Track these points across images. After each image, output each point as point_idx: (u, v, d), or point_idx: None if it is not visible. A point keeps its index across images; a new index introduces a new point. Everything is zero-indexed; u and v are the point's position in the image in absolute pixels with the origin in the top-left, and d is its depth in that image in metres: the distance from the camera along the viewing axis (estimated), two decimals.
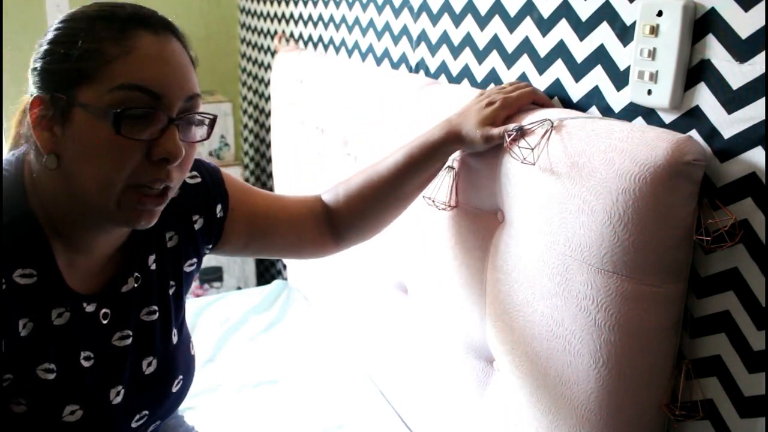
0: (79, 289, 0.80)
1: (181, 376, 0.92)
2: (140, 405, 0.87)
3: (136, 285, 0.86)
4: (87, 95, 0.71)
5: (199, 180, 0.94)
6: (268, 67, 2.32)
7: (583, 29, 0.98)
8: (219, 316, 1.83)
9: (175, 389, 0.91)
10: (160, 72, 0.73)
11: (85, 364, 0.80)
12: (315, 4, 1.87)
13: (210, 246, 0.98)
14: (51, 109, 0.73)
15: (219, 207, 0.96)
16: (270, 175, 2.41)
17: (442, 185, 1.08)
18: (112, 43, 0.72)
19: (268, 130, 2.38)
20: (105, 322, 0.83)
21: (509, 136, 0.92)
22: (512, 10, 1.11)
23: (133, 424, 0.86)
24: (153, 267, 0.89)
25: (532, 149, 0.90)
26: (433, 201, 1.07)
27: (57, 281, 0.77)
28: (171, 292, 0.92)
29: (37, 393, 0.75)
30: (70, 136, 0.72)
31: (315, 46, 1.93)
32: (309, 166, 1.73)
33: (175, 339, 0.92)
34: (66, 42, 0.73)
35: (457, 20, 1.26)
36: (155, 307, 0.89)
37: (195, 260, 0.96)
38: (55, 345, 0.77)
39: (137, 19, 0.74)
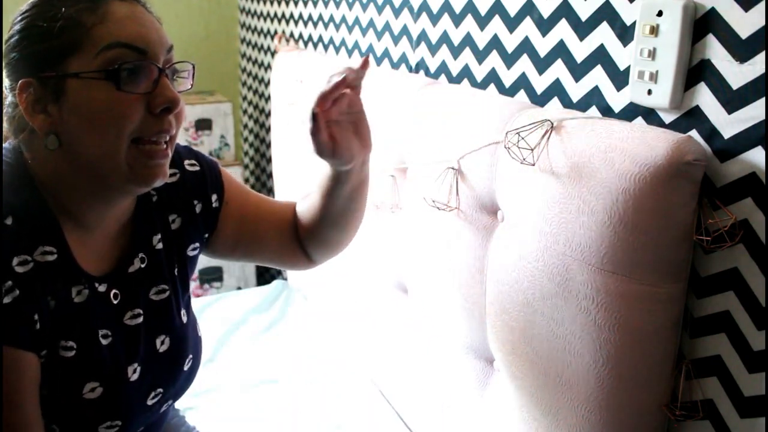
0: (90, 271, 0.82)
1: (191, 355, 0.94)
2: (155, 382, 0.89)
3: (142, 265, 0.88)
4: (76, 64, 0.74)
5: (197, 168, 0.96)
6: (268, 67, 2.32)
7: (583, 29, 0.98)
8: (219, 316, 1.83)
9: (186, 367, 0.94)
10: (139, 30, 0.77)
11: (104, 342, 0.82)
12: (315, 4, 1.87)
13: (207, 235, 0.99)
14: (41, 90, 0.75)
15: (215, 197, 0.97)
16: (270, 175, 2.41)
17: (443, 185, 1.08)
18: (89, 13, 0.75)
19: (268, 130, 2.38)
20: (116, 302, 0.85)
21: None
22: (512, 10, 1.11)
23: (149, 402, 0.89)
24: (159, 246, 0.91)
25: (532, 150, 0.90)
26: (435, 202, 1.07)
27: (71, 260, 0.80)
28: (175, 272, 0.94)
29: (58, 370, 0.77)
30: (67, 110, 0.75)
31: (315, 46, 1.93)
32: (309, 166, 1.73)
33: (184, 318, 0.94)
34: (41, 23, 0.75)
35: (457, 20, 1.26)
36: (165, 286, 0.91)
37: (197, 245, 0.97)
38: (76, 322, 0.80)
39: None
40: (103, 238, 0.85)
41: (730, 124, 0.79)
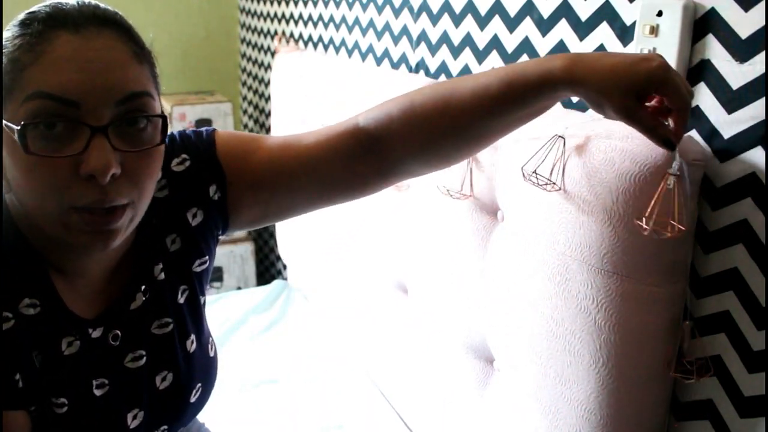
0: (83, 315, 0.75)
1: (199, 385, 0.85)
2: (158, 422, 0.82)
3: (145, 298, 0.79)
4: (8, 111, 0.64)
5: (188, 164, 0.82)
6: (268, 67, 2.32)
7: (583, 29, 0.98)
8: (219, 316, 1.83)
9: (193, 399, 0.85)
10: (74, 77, 0.62)
11: (98, 392, 0.76)
12: (315, 4, 1.87)
13: (220, 232, 0.87)
14: None
15: (213, 188, 0.82)
16: None
17: (457, 172, 0.99)
18: (27, 49, 0.63)
19: (268, 130, 2.38)
20: (116, 344, 0.77)
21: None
22: (512, 10, 1.11)
23: None
24: (161, 277, 0.81)
25: (550, 180, 0.84)
26: (448, 190, 0.97)
27: (60, 309, 0.73)
28: (183, 298, 0.84)
29: (51, 425, 0.72)
30: (7, 156, 0.66)
31: (315, 46, 1.93)
32: None
33: (192, 347, 0.84)
34: None
35: (457, 20, 1.26)
36: (169, 319, 0.81)
37: (206, 258, 0.85)
38: (67, 376, 0.73)
39: (55, 17, 0.65)
40: (98, 278, 0.76)
41: (730, 124, 0.79)
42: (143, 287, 0.79)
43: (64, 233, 0.66)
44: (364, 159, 0.84)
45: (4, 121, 0.64)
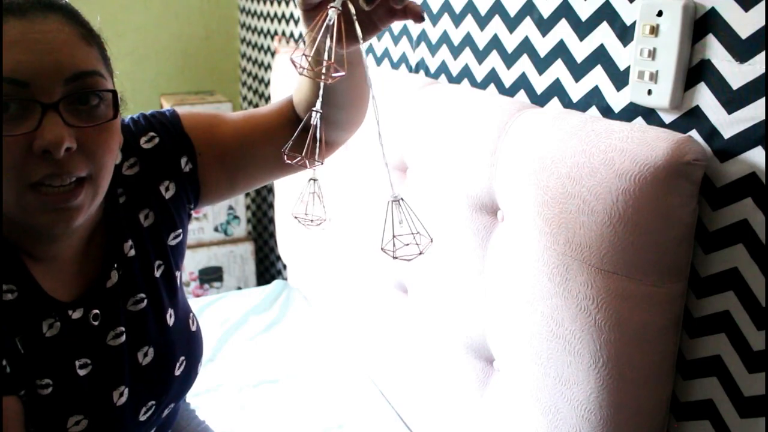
0: (62, 298, 0.77)
1: (182, 357, 0.88)
2: (144, 398, 0.84)
3: (119, 275, 0.82)
4: None
5: (157, 141, 0.86)
6: (268, 67, 2.32)
7: (583, 29, 0.98)
8: (219, 316, 1.83)
9: (178, 372, 0.87)
10: (22, 58, 0.65)
11: (82, 372, 0.78)
12: None
13: (192, 205, 0.91)
14: None
15: (184, 160, 0.87)
16: None
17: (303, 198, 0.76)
18: None
19: None
20: (96, 323, 0.80)
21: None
22: (512, 10, 1.11)
23: (141, 418, 0.84)
24: (132, 254, 0.83)
25: (325, 63, 0.64)
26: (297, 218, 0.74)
27: (37, 293, 0.75)
28: (159, 273, 0.86)
29: (39, 407, 0.74)
30: None
31: None
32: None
33: (171, 320, 0.87)
34: None
35: (457, 20, 1.26)
36: (142, 295, 0.84)
37: (179, 231, 0.89)
38: (49, 358, 0.75)
39: (4, 7, 0.68)
40: (71, 260, 0.78)
41: (730, 124, 0.79)
42: (116, 265, 0.82)
43: (23, 215, 0.69)
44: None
45: None
